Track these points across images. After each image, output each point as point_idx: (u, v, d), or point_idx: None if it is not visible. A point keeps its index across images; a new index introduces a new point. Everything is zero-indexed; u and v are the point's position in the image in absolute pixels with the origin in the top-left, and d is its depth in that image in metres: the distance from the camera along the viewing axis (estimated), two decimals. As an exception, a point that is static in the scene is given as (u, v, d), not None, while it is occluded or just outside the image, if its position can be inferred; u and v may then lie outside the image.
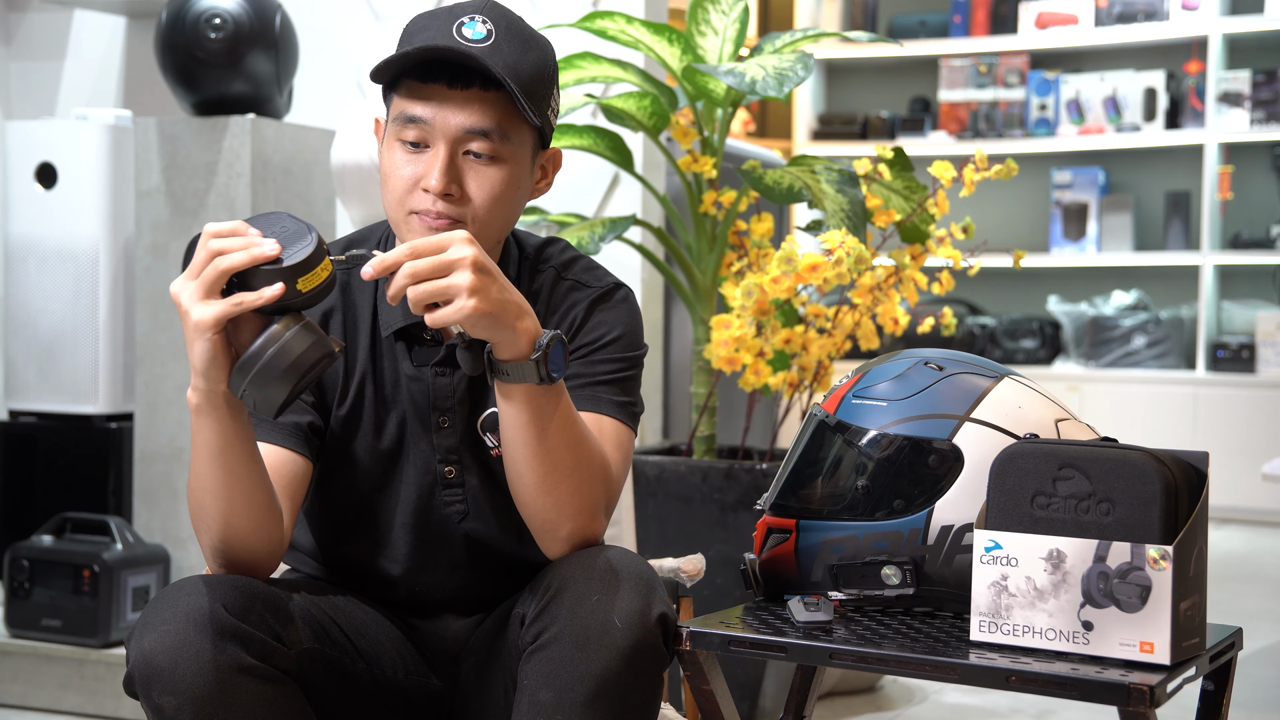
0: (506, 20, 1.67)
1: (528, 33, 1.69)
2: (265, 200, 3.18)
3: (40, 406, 3.50)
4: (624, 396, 1.74)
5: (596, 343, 1.74)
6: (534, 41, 1.69)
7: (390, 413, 1.74)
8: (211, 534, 1.59)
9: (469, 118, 1.64)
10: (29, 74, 4.09)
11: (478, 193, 1.66)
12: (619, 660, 1.53)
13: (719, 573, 2.69)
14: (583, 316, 1.75)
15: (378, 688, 1.70)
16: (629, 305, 1.79)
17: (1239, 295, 6.35)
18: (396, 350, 1.75)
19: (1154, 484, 1.50)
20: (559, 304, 1.77)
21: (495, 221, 1.68)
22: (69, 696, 3.12)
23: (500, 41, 1.64)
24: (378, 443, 1.74)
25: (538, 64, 1.67)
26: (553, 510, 1.63)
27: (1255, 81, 6.18)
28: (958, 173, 2.78)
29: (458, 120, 1.64)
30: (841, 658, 1.57)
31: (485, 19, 1.65)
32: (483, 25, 1.64)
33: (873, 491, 1.71)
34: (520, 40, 1.66)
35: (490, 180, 1.66)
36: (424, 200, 1.65)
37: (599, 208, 3.45)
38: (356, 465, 1.74)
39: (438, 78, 1.64)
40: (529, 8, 3.46)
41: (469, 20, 1.64)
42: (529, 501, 1.63)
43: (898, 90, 7.04)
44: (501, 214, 1.68)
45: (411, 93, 1.65)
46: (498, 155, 1.66)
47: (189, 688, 1.49)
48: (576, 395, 1.70)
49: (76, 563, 3.10)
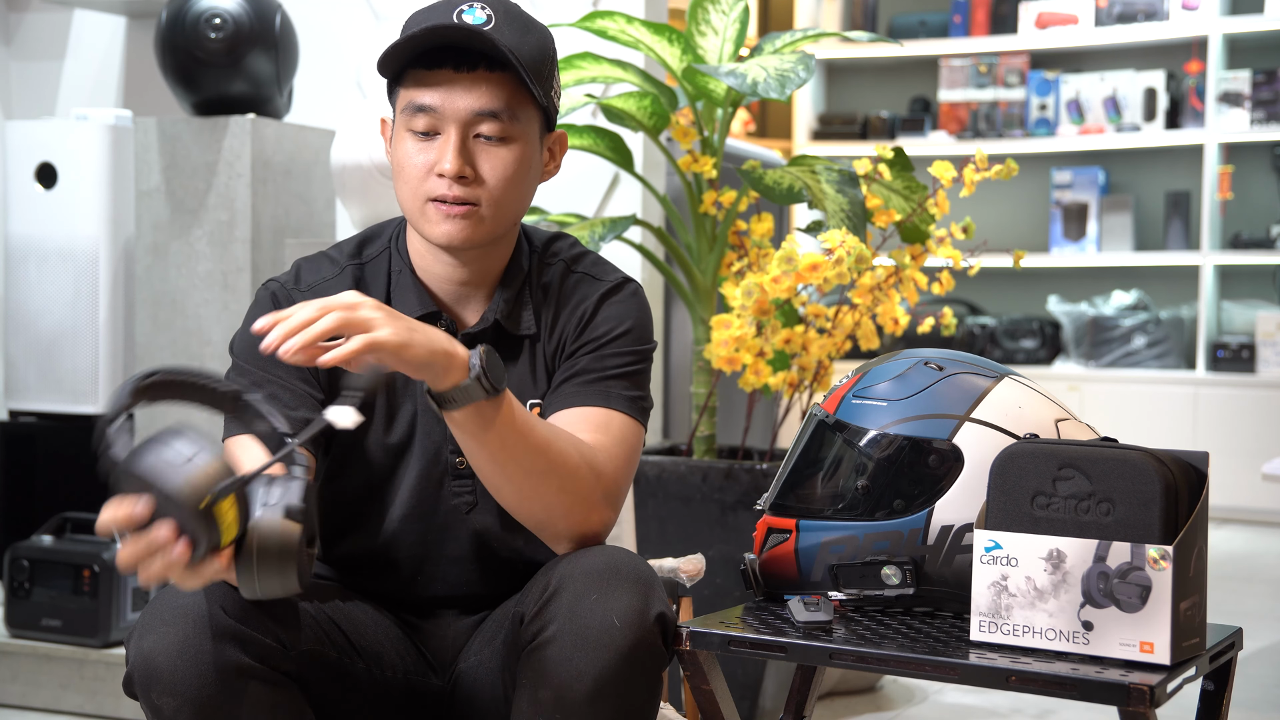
0: (504, 6, 1.69)
1: (526, 18, 1.71)
2: (265, 200, 3.18)
3: (40, 406, 3.49)
4: (633, 391, 1.74)
5: (605, 336, 1.75)
6: (533, 25, 1.71)
7: (402, 406, 1.75)
8: None
9: (477, 100, 1.66)
10: (29, 74, 4.09)
11: (491, 174, 1.67)
12: (618, 659, 1.53)
13: (719, 573, 2.69)
14: (592, 310, 1.76)
15: (378, 687, 1.70)
16: (638, 299, 1.80)
17: (1239, 295, 6.35)
18: None
19: (1154, 484, 1.50)
20: (568, 298, 1.77)
21: (510, 202, 1.70)
22: (69, 696, 3.12)
23: (501, 25, 1.66)
24: (388, 436, 1.74)
25: (539, 45, 1.69)
26: (542, 513, 1.63)
27: (1255, 81, 6.17)
28: (958, 173, 2.78)
29: (466, 103, 1.66)
30: (841, 658, 1.57)
31: (484, 5, 1.67)
32: (482, 11, 1.66)
33: (873, 491, 1.71)
34: (520, 23, 1.69)
35: (503, 160, 1.68)
36: (439, 185, 1.67)
37: (599, 208, 3.45)
38: (367, 458, 1.75)
39: (443, 63, 1.66)
40: (529, 8, 3.46)
41: (468, 7, 1.66)
42: (516, 510, 1.65)
43: (898, 90, 7.04)
44: (516, 194, 1.70)
45: (418, 81, 1.67)
46: (508, 135, 1.68)
47: (188, 689, 1.49)
48: (586, 390, 1.71)
49: (76, 563, 3.10)
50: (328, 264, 1.78)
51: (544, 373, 1.77)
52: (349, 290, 1.55)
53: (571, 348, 1.75)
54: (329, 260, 1.79)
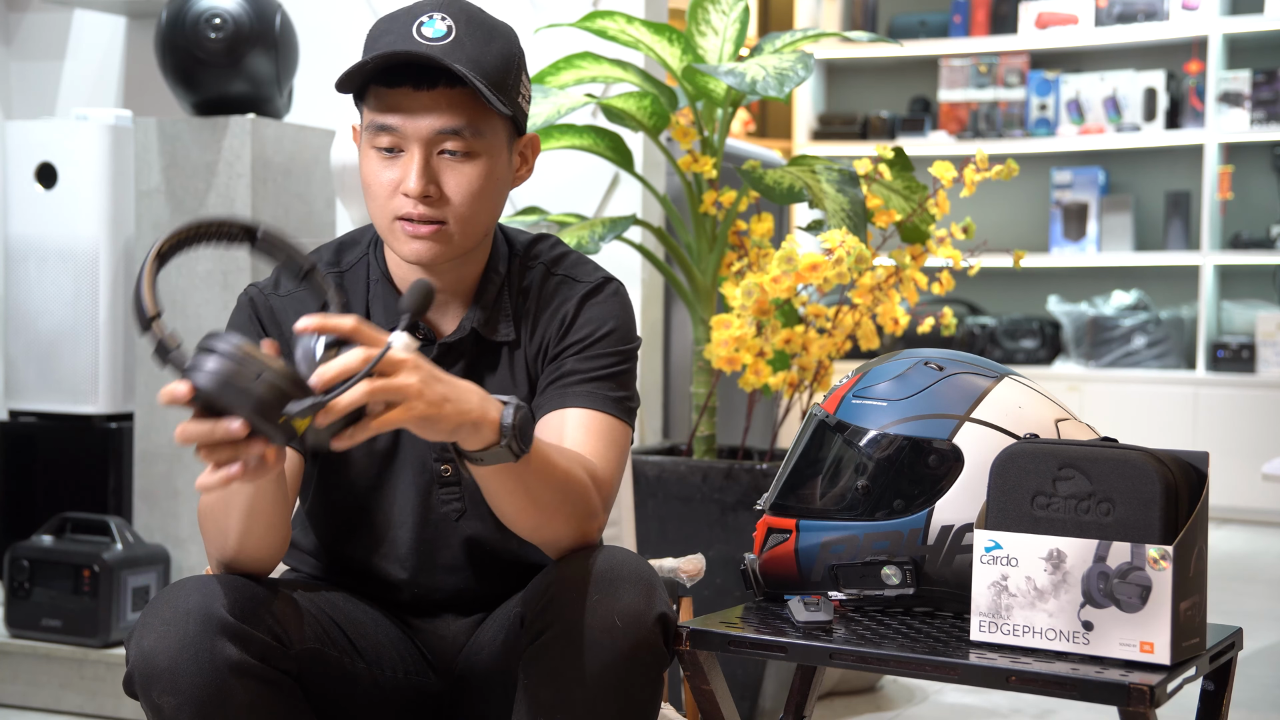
0: (466, 14, 1.66)
1: (489, 23, 1.68)
2: (265, 200, 3.18)
3: (40, 406, 3.50)
4: (620, 392, 1.74)
5: (589, 338, 1.74)
6: (496, 31, 1.68)
7: None
8: (225, 550, 1.60)
9: (438, 118, 1.64)
10: (29, 74, 4.09)
11: (456, 191, 1.66)
12: (620, 660, 1.53)
13: (719, 573, 2.69)
14: (573, 312, 1.75)
15: (378, 687, 1.70)
16: (620, 298, 1.79)
17: (1239, 295, 6.35)
18: None
19: (1154, 484, 1.50)
20: (549, 300, 1.76)
21: (477, 217, 1.68)
22: (69, 696, 3.12)
23: (461, 36, 1.63)
24: (373, 443, 1.73)
25: (502, 53, 1.66)
26: (549, 535, 1.64)
27: (1255, 81, 6.17)
28: (958, 173, 2.78)
29: (428, 122, 1.64)
30: (841, 658, 1.57)
31: (444, 15, 1.64)
32: (442, 22, 1.64)
33: (873, 491, 1.71)
34: (482, 32, 1.66)
35: (467, 177, 1.66)
36: (405, 204, 1.65)
37: (599, 208, 3.45)
38: (353, 465, 1.74)
39: (402, 82, 1.63)
40: (529, 8, 3.46)
41: (428, 19, 1.64)
42: (526, 536, 1.65)
43: (898, 90, 7.04)
44: (483, 209, 1.68)
45: (379, 100, 1.65)
46: (472, 151, 1.66)
47: (189, 688, 1.49)
48: (573, 392, 1.70)
49: (76, 563, 3.10)
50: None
51: (524, 377, 1.76)
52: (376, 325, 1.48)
53: (554, 350, 1.74)
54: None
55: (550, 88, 2.94)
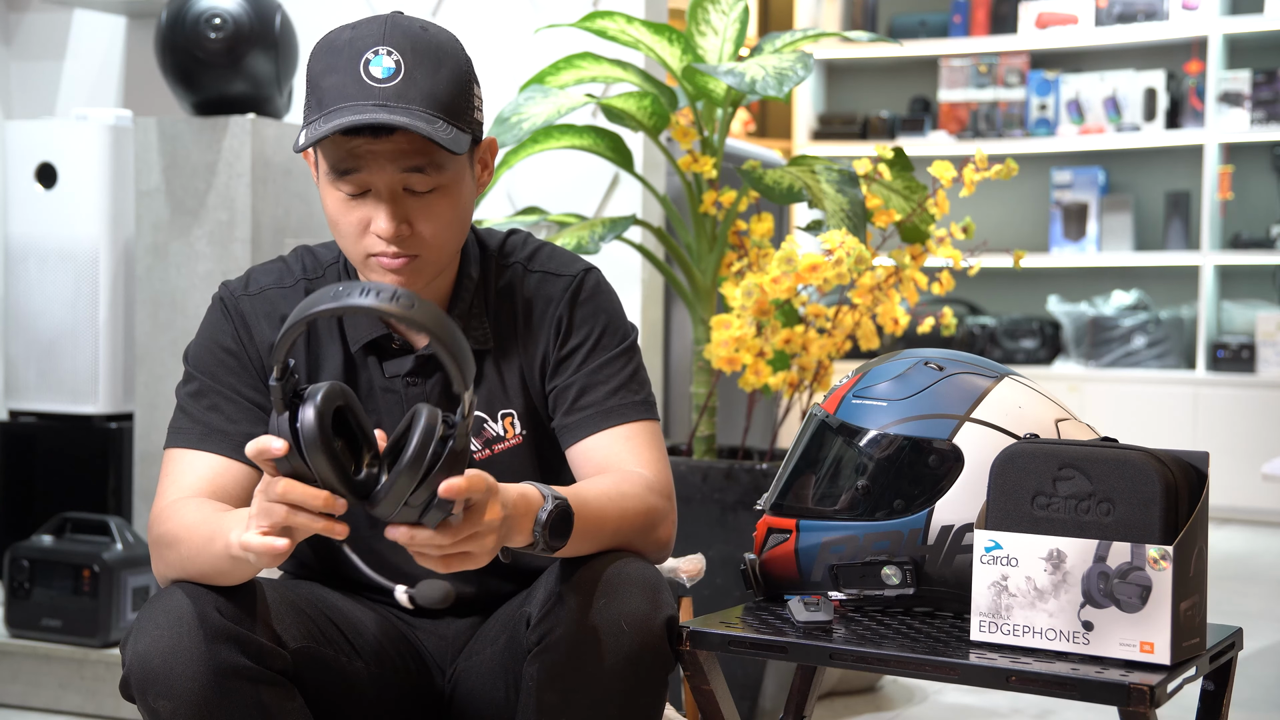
0: (410, 42, 1.61)
1: (433, 45, 1.63)
2: (265, 200, 3.18)
3: (40, 406, 3.50)
4: (640, 393, 1.75)
5: (589, 341, 1.74)
6: (443, 51, 1.63)
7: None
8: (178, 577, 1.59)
9: (401, 160, 1.61)
10: (29, 74, 4.09)
11: (427, 227, 1.64)
12: (626, 664, 1.54)
13: (719, 573, 2.69)
14: (566, 318, 1.75)
15: (377, 687, 1.70)
16: (603, 289, 1.79)
17: (1239, 295, 6.35)
18: (368, 363, 1.74)
19: (1154, 484, 1.50)
20: (534, 300, 1.76)
21: (450, 243, 1.68)
22: (69, 696, 3.12)
23: (411, 70, 1.59)
24: None
25: (452, 76, 1.63)
26: (629, 552, 1.66)
27: (1255, 81, 6.17)
28: (958, 173, 2.78)
29: (390, 168, 1.61)
30: (841, 658, 1.57)
31: (389, 49, 1.60)
32: (389, 58, 1.59)
33: (873, 491, 1.71)
34: (430, 60, 1.61)
35: (436, 212, 1.64)
36: (377, 244, 1.64)
37: (599, 208, 3.45)
38: None
39: (360, 132, 1.59)
40: (529, 8, 3.46)
41: (374, 56, 1.59)
42: None
43: (898, 90, 7.04)
44: (454, 235, 1.68)
45: (337, 148, 1.61)
46: (438, 185, 1.63)
47: (184, 691, 1.49)
48: (602, 411, 1.72)
49: (76, 563, 3.10)
50: (281, 272, 1.77)
51: (517, 380, 1.75)
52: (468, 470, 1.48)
53: (556, 357, 1.74)
54: (284, 267, 1.78)
55: (550, 88, 2.94)
